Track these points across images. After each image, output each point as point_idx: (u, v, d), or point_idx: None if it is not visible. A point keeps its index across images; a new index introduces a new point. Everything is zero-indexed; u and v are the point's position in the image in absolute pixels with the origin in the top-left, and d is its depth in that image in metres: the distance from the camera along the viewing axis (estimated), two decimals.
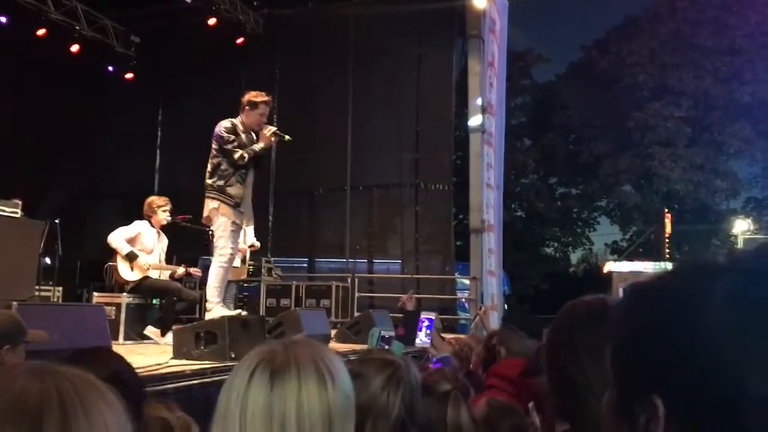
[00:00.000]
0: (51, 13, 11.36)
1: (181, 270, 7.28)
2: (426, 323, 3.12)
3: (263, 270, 10.29)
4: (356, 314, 9.48)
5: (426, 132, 12.50)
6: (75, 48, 12.05)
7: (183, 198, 8.07)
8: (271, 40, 13.07)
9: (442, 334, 6.48)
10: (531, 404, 2.07)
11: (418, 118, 12.58)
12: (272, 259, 11.31)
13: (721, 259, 0.73)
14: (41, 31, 11.44)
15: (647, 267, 16.50)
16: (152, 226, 7.14)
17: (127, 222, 7.27)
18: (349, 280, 11.02)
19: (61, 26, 11.76)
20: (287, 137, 5.86)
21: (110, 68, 13.17)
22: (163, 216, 7.12)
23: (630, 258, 20.37)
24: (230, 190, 5.59)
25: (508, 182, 22.98)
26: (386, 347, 2.84)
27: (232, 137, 5.60)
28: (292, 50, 13.01)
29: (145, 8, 12.71)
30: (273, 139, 5.81)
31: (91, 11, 12.15)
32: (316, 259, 13.22)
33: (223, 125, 5.65)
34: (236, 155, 5.56)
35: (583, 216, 28.98)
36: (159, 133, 14.18)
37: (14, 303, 4.63)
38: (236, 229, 5.69)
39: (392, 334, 2.91)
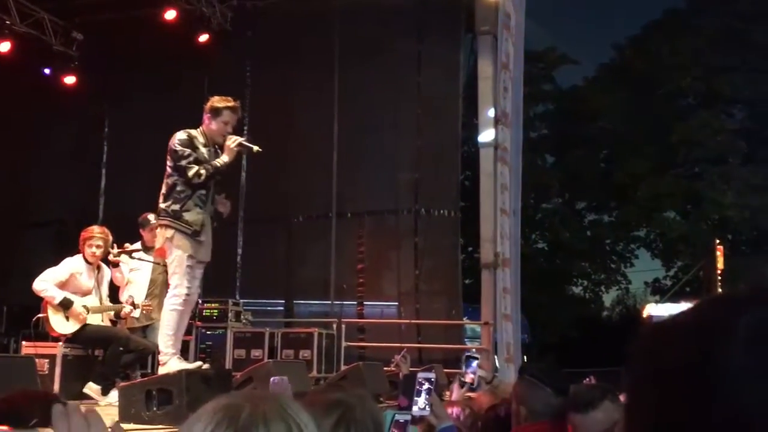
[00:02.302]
0: None
1: (127, 308, 7.26)
2: (425, 385, 3.08)
3: (230, 314, 10.24)
4: (343, 368, 9.41)
5: (427, 147, 12.54)
6: (5, 47, 12.10)
7: (134, 226, 8.07)
8: (240, 37, 13.15)
9: (450, 392, 6.44)
10: None
11: (418, 130, 12.63)
12: (241, 301, 11.26)
13: (747, 293, 0.77)
14: None
15: None
16: (87, 262, 7.10)
17: (64, 255, 7.24)
18: (334, 326, 10.96)
19: None
20: (256, 148, 5.87)
21: (47, 70, 13.20)
22: (90, 252, 7.06)
23: (675, 299, 20.39)
24: (187, 216, 5.58)
25: (527, 207, 23.06)
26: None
27: (188, 151, 5.59)
28: (266, 50, 13.10)
29: None
30: (237, 150, 5.82)
31: (25, 3, 12.22)
32: (295, 301, 13.17)
33: (177, 137, 5.65)
34: (191, 172, 5.55)
35: (618, 248, 29.03)
36: (105, 148, 14.18)
37: None
38: (194, 264, 5.67)
39: (408, 418, 2.87)
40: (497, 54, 10.95)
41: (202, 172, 5.57)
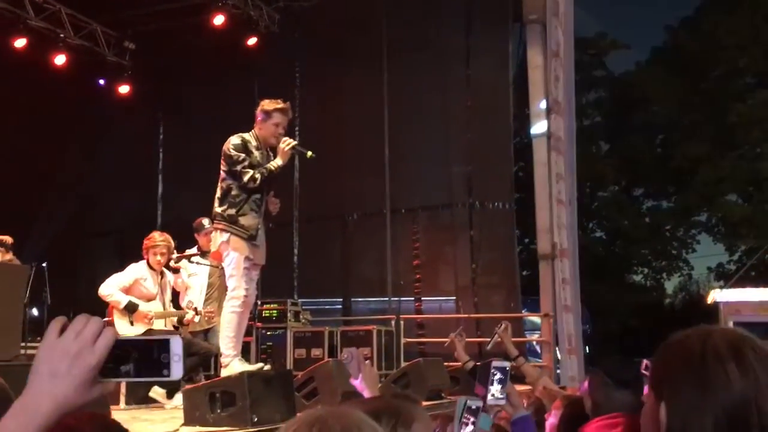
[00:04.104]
0: (30, 19, 11.70)
1: (189, 314, 7.36)
2: (497, 375, 3.06)
3: (289, 315, 10.32)
4: (403, 364, 9.41)
5: (480, 140, 12.47)
6: (60, 60, 12.37)
7: (192, 231, 8.17)
8: (288, 38, 13.24)
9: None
10: None
11: (469, 123, 12.56)
12: (299, 300, 11.34)
13: None
14: (20, 42, 11.79)
15: (762, 295, 16.09)
16: (151, 268, 7.23)
17: (126, 262, 7.37)
18: (393, 323, 10.97)
19: (43, 35, 12.10)
20: (309, 153, 5.86)
21: (101, 81, 13.48)
22: (155, 261, 7.20)
23: (740, 284, 19.88)
24: (243, 220, 5.62)
25: (583, 196, 22.78)
26: (472, 420, 2.81)
27: (242, 156, 5.62)
28: (314, 50, 13.16)
29: (140, 9, 12.99)
30: (290, 153, 5.82)
31: (78, 15, 12.46)
32: (353, 299, 13.22)
33: (232, 142, 5.68)
34: (246, 177, 5.57)
35: (679, 234, 28.49)
36: (161, 155, 14.42)
37: None
38: (250, 266, 5.71)
39: (480, 404, 2.87)
40: (547, 42, 10.83)
41: (257, 176, 5.59)
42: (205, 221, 7.46)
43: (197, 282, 7.81)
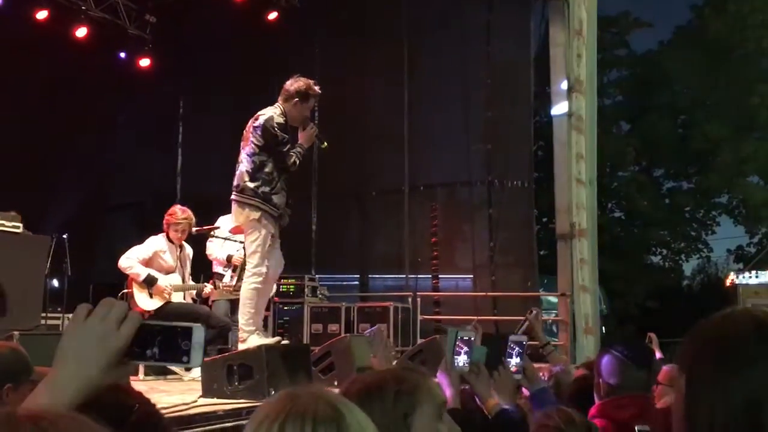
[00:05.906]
0: None
1: (208, 288, 7.40)
2: (516, 349, 3.08)
3: (306, 290, 10.37)
4: (420, 341, 9.44)
5: (500, 118, 12.40)
6: (81, 32, 12.37)
7: (211, 204, 8.20)
8: (309, 13, 13.17)
9: None
10: None
11: (489, 101, 12.49)
12: (316, 276, 11.38)
13: None
14: (42, 14, 11.80)
15: None
16: (171, 241, 7.27)
17: (145, 235, 7.42)
18: (410, 300, 11.00)
19: (65, 7, 12.09)
20: (324, 144, 5.90)
21: (122, 54, 13.48)
22: (174, 236, 7.25)
23: (759, 267, 19.75)
24: (276, 198, 5.63)
25: (603, 176, 22.63)
26: (465, 350, 2.82)
27: (286, 137, 5.64)
28: (335, 25, 13.10)
29: None
30: (314, 139, 5.85)
31: None
32: (370, 276, 13.25)
33: (276, 121, 5.62)
34: (290, 160, 5.60)
35: (699, 216, 28.31)
36: (180, 128, 14.46)
37: (16, 333, 4.77)
38: (273, 243, 5.72)
39: (472, 336, 2.89)
40: (569, 20, 10.72)
41: (297, 161, 5.62)
42: None
43: (236, 245, 7.80)
